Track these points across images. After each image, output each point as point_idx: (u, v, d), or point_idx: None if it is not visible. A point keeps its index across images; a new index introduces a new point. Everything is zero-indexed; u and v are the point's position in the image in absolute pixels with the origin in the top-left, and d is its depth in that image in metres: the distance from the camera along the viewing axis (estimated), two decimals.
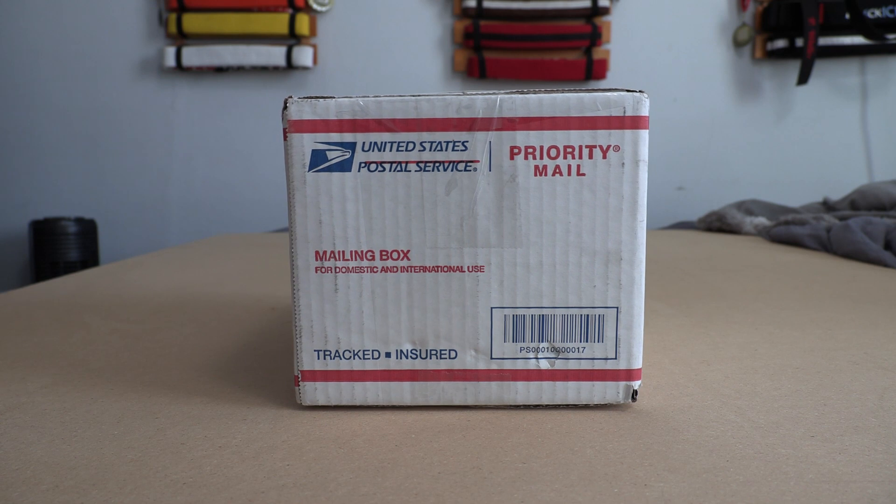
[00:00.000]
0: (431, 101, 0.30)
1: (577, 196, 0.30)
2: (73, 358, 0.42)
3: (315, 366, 0.32)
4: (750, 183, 1.90)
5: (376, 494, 0.24)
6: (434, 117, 0.30)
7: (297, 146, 0.30)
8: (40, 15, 1.91)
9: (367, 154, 0.30)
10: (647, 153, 0.30)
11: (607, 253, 0.30)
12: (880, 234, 0.82)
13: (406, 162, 0.30)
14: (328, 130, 0.30)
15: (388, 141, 0.30)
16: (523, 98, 0.29)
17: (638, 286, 0.31)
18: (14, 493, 0.25)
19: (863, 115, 1.88)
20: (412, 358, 0.32)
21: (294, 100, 0.30)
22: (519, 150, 0.30)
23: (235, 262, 0.84)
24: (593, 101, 0.29)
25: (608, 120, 0.30)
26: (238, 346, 0.44)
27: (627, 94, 0.29)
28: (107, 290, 0.66)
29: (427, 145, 0.30)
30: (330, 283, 0.31)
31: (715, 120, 1.90)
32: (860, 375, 0.37)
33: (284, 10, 1.83)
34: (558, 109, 0.29)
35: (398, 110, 0.30)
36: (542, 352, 0.31)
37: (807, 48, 1.70)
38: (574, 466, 0.26)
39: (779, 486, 0.24)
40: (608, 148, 0.30)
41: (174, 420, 0.31)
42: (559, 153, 0.30)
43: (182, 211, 1.98)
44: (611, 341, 0.31)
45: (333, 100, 0.30)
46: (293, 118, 0.30)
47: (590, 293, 0.31)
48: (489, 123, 0.30)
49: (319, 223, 0.31)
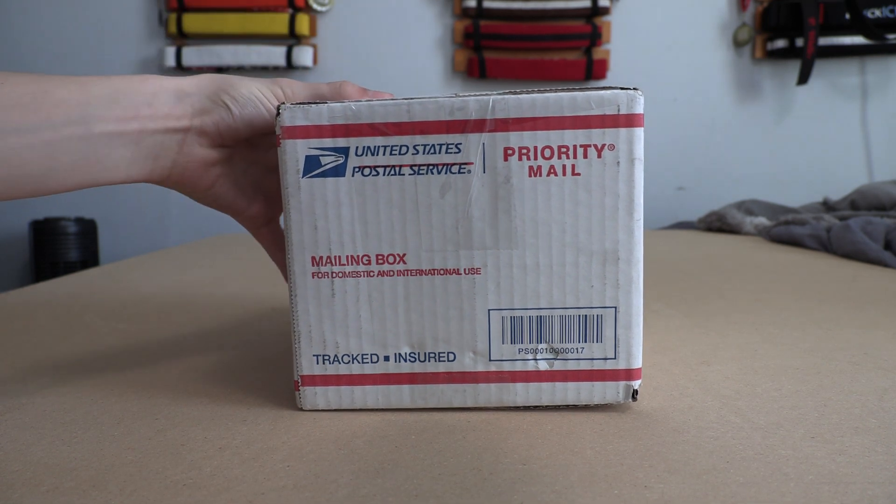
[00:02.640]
0: (424, 104, 0.29)
1: (573, 196, 0.30)
2: (73, 358, 0.42)
3: (314, 370, 0.32)
4: (750, 183, 1.90)
5: (376, 496, 0.24)
6: (427, 120, 0.30)
7: (290, 152, 0.30)
8: (40, 15, 1.91)
9: (360, 159, 0.30)
10: (643, 151, 0.30)
11: (604, 252, 0.30)
12: (880, 234, 0.82)
13: (400, 166, 0.30)
14: (321, 136, 0.30)
15: (381, 145, 0.30)
16: (516, 99, 0.29)
17: (636, 285, 0.31)
18: (15, 494, 0.25)
19: (863, 115, 1.88)
20: (411, 361, 0.32)
21: (287, 106, 0.30)
22: (513, 151, 0.30)
23: (235, 262, 0.84)
24: (587, 100, 0.29)
25: (602, 119, 0.29)
26: (238, 346, 0.44)
27: (621, 91, 0.29)
28: (107, 290, 0.66)
29: (420, 148, 0.30)
30: (327, 288, 0.31)
31: (715, 120, 1.90)
32: (860, 376, 0.37)
33: (284, 10, 1.83)
34: (551, 109, 0.29)
35: (391, 114, 0.30)
36: (541, 353, 0.31)
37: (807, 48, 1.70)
38: (574, 467, 0.26)
39: (779, 488, 0.24)
40: (603, 147, 0.30)
41: (174, 421, 0.31)
42: (553, 153, 0.30)
43: (182, 211, 1.98)
44: (609, 341, 0.31)
45: (326, 105, 0.30)
46: (286, 124, 0.30)
47: (587, 293, 0.31)
48: (482, 125, 0.30)
49: (315, 228, 0.31)
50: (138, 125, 0.31)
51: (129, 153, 0.32)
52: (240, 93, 0.33)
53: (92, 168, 0.31)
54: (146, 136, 0.32)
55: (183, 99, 0.33)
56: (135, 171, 0.32)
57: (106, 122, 0.30)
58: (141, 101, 0.31)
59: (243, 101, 0.33)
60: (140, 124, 0.31)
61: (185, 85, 0.33)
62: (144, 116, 0.31)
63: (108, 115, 0.31)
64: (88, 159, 0.30)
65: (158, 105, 0.32)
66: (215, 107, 0.33)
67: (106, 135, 0.31)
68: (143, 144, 0.32)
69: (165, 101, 0.32)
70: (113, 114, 0.31)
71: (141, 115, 0.31)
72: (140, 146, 0.32)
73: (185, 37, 1.87)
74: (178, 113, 0.32)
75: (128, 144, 0.31)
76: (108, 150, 0.31)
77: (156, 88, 0.32)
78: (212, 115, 0.33)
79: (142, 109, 0.31)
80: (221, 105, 0.33)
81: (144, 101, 0.31)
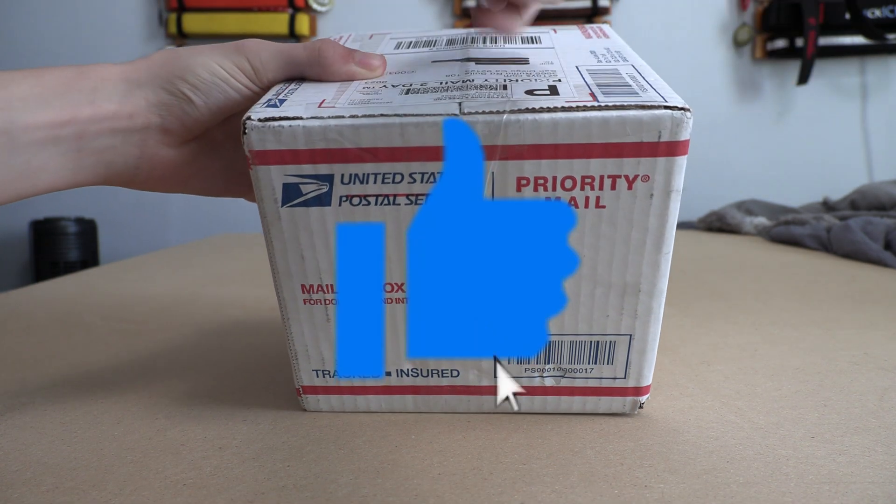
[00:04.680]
0: (420, 127, 0.24)
1: (594, 230, 0.26)
2: (73, 358, 0.42)
3: (315, 382, 0.31)
4: (750, 183, 1.90)
5: (376, 496, 0.24)
6: (424, 146, 0.24)
7: (264, 180, 0.25)
8: (40, 15, 1.91)
9: (347, 187, 0.25)
10: (683, 181, 0.25)
11: (624, 285, 0.27)
12: (880, 234, 0.82)
13: (394, 195, 0.26)
14: (298, 162, 0.25)
15: (371, 172, 0.25)
16: (533, 120, 0.24)
17: (655, 315, 0.28)
18: (14, 493, 0.25)
19: (863, 115, 1.88)
20: (413, 376, 0.30)
21: (253, 124, 0.24)
22: (528, 182, 0.25)
23: (235, 262, 0.84)
24: (621, 125, 0.24)
25: (638, 147, 0.24)
26: (238, 346, 0.44)
27: (665, 113, 0.23)
28: (107, 290, 0.66)
29: (417, 177, 0.25)
30: (321, 313, 0.29)
31: (715, 120, 1.90)
32: (860, 376, 0.37)
33: (284, 10, 1.83)
34: (577, 135, 0.24)
35: (380, 138, 0.24)
36: (548, 371, 0.30)
37: (807, 48, 1.70)
38: (574, 467, 0.26)
39: (779, 488, 0.24)
40: (635, 178, 0.25)
41: (174, 421, 0.31)
42: (576, 184, 0.25)
43: (182, 211, 1.98)
44: (621, 364, 0.29)
45: (301, 124, 0.24)
46: (255, 148, 0.25)
47: (602, 322, 0.28)
48: (492, 152, 0.24)
49: (302, 258, 0.27)
50: (76, 129, 0.26)
51: (70, 161, 0.27)
52: (199, 77, 0.28)
53: (24, 182, 0.26)
54: (89, 141, 0.27)
55: (133, 91, 0.27)
56: (83, 178, 0.27)
57: (34, 129, 0.25)
58: (79, 99, 0.26)
59: (206, 88, 0.28)
60: (78, 128, 0.26)
61: (134, 72, 0.27)
62: (84, 118, 0.26)
63: (37, 121, 0.25)
64: (18, 172, 0.26)
65: (102, 102, 0.27)
66: (174, 99, 0.28)
67: (36, 143, 0.26)
68: (86, 150, 0.27)
69: (110, 95, 0.27)
70: (42, 118, 0.25)
71: (80, 116, 0.26)
72: (83, 152, 0.27)
73: (185, 37, 1.87)
74: (129, 110, 0.27)
75: (66, 152, 0.26)
76: (42, 160, 0.26)
77: (96, 82, 0.27)
78: (172, 109, 0.28)
79: (80, 110, 0.26)
80: (181, 97, 0.28)
81: (84, 98, 0.26)
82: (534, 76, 0.27)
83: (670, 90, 0.25)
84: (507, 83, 0.26)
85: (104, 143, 0.27)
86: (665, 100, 0.24)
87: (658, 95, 0.24)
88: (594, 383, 0.30)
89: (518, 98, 0.25)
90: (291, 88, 0.28)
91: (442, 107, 0.24)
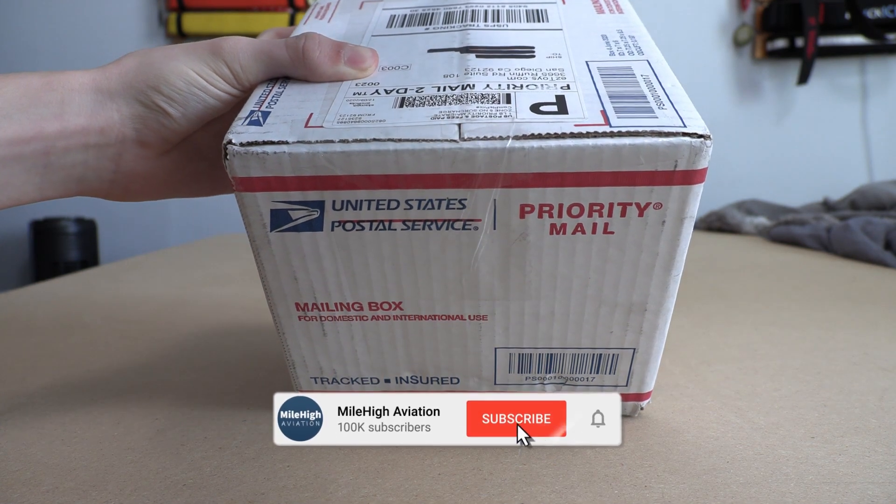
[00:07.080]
0: (416, 154, 0.22)
1: (602, 254, 0.25)
2: (73, 358, 0.42)
3: (314, 388, 0.31)
4: (750, 183, 1.90)
5: (376, 496, 0.24)
6: (422, 173, 0.23)
7: (251, 206, 0.24)
8: (40, 15, 1.91)
9: (339, 213, 0.24)
10: (698, 207, 0.24)
11: (630, 304, 0.26)
12: (880, 234, 0.82)
13: (390, 221, 0.24)
14: (286, 189, 0.23)
15: (364, 199, 0.23)
16: (539, 149, 0.22)
17: (660, 331, 0.27)
18: (14, 494, 0.24)
19: (863, 115, 1.88)
20: (413, 383, 0.30)
21: (235, 149, 0.23)
22: (532, 209, 0.24)
23: (235, 262, 0.84)
24: (634, 154, 0.22)
25: (651, 175, 0.22)
26: (238, 346, 0.44)
27: (684, 141, 0.22)
28: (107, 290, 0.65)
29: (415, 203, 0.24)
30: (317, 328, 0.28)
31: (715, 120, 1.90)
32: (860, 376, 0.37)
33: (284, 10, 1.83)
34: (586, 164, 0.22)
35: (374, 165, 0.22)
36: (549, 379, 0.30)
37: (807, 48, 1.70)
38: (574, 468, 0.26)
39: (779, 488, 0.24)
40: (647, 206, 0.23)
41: (174, 421, 0.31)
42: (583, 211, 0.24)
43: (182, 211, 1.98)
44: (623, 374, 0.29)
45: (286, 150, 0.22)
46: (238, 175, 0.23)
47: (605, 337, 0.28)
48: (494, 180, 0.23)
49: (294, 279, 0.26)
50: (42, 145, 0.24)
51: (37, 177, 0.25)
52: (175, 87, 0.26)
53: None
54: (57, 157, 0.25)
55: (104, 103, 0.26)
56: (52, 193, 0.26)
57: None
58: (44, 113, 0.24)
59: (182, 99, 0.26)
60: (45, 144, 0.24)
61: (105, 80, 0.26)
62: (51, 134, 0.24)
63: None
64: None
65: (70, 116, 0.25)
66: (149, 112, 0.26)
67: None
68: (55, 166, 0.25)
69: (79, 108, 0.25)
70: (3, 134, 0.24)
71: (46, 132, 0.24)
72: (50, 168, 0.25)
73: (184, 37, 1.87)
74: (101, 124, 0.25)
75: (32, 168, 0.25)
76: (5, 176, 0.24)
77: (64, 93, 0.25)
78: (148, 122, 0.26)
79: (46, 124, 0.24)
80: (157, 109, 0.26)
81: (49, 112, 0.24)
82: (539, 79, 0.26)
83: (689, 105, 0.23)
84: (511, 91, 0.25)
85: (74, 158, 0.26)
86: (684, 124, 0.22)
87: (676, 116, 0.22)
88: (596, 390, 0.30)
89: (522, 119, 0.23)
90: (275, 93, 0.26)
91: (439, 131, 0.22)
